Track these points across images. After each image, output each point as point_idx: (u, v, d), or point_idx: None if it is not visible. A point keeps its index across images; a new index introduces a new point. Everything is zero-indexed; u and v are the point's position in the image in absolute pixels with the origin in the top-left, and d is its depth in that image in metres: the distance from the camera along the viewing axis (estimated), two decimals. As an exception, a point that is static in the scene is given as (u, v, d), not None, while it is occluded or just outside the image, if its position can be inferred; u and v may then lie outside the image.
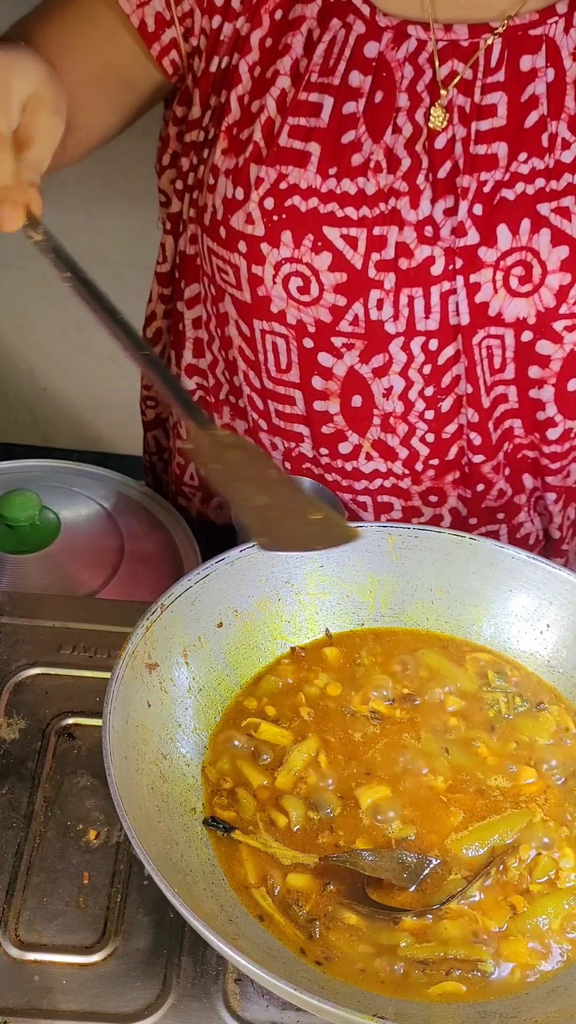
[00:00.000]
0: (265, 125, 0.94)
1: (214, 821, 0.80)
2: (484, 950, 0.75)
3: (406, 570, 0.95)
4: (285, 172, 0.94)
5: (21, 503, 1.09)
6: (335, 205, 0.93)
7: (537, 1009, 0.73)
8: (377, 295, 0.95)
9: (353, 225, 0.94)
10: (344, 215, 0.93)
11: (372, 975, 0.73)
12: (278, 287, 0.96)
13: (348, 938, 0.75)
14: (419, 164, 0.93)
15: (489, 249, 0.94)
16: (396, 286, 0.95)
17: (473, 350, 0.98)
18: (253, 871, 0.78)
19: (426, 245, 0.94)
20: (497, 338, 0.98)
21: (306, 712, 0.88)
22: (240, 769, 0.83)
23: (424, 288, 0.95)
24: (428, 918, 0.76)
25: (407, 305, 0.96)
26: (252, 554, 0.90)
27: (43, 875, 0.81)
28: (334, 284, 0.95)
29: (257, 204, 0.94)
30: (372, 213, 0.93)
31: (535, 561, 0.93)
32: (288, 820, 0.81)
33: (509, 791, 0.84)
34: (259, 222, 0.95)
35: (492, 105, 0.93)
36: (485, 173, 0.93)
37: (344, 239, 0.94)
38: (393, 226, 0.94)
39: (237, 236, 0.96)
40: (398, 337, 0.98)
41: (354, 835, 0.81)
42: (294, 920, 0.75)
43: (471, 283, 0.95)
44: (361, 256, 0.94)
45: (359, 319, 0.97)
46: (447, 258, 0.94)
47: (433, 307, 0.96)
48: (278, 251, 0.95)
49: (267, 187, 0.94)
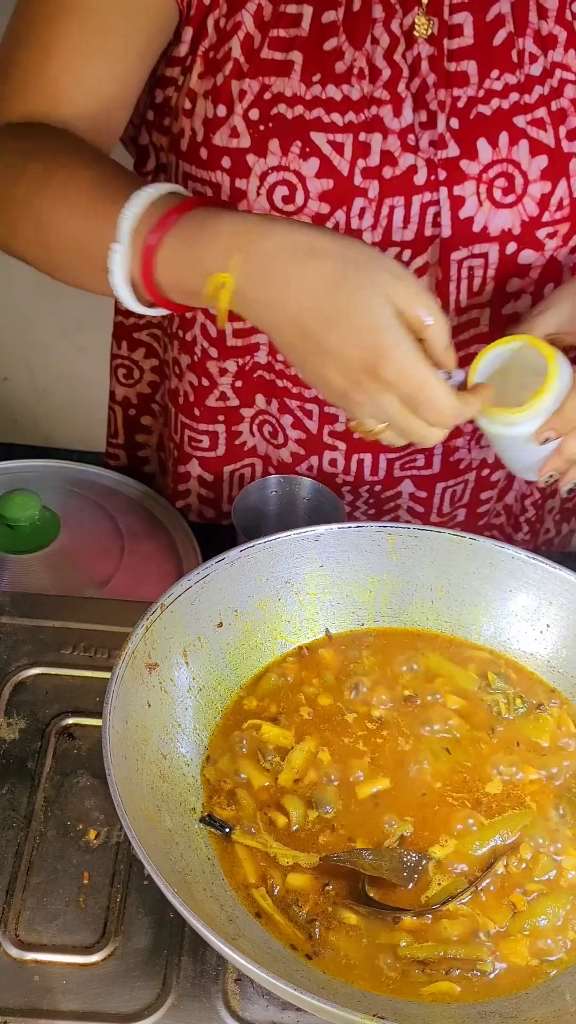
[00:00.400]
0: (244, 41, 0.95)
1: (211, 820, 0.80)
2: (484, 950, 0.75)
3: (406, 570, 0.95)
4: (268, 83, 0.95)
5: (21, 503, 1.09)
6: (321, 111, 0.95)
7: (537, 1009, 0.73)
8: (360, 203, 0.97)
9: (339, 131, 0.95)
10: (330, 121, 0.95)
11: (372, 975, 0.73)
12: (262, 199, 0.97)
13: (348, 938, 0.75)
14: (400, 73, 0.95)
15: (471, 162, 0.96)
16: (379, 195, 0.97)
17: (451, 266, 1.00)
18: (252, 871, 0.78)
19: (409, 153, 0.96)
20: (480, 256, 1.00)
21: (306, 712, 0.88)
22: (240, 770, 0.83)
23: (406, 197, 0.97)
24: (428, 918, 0.76)
25: (387, 215, 0.98)
26: (252, 554, 0.90)
27: (43, 875, 0.81)
28: (320, 191, 0.96)
29: (242, 117, 0.95)
30: (357, 119, 0.95)
31: (535, 561, 0.93)
32: (288, 820, 0.81)
33: (509, 791, 0.84)
34: (244, 134, 0.95)
35: (459, 25, 0.96)
36: (458, 89, 0.96)
37: (331, 144, 0.95)
38: (377, 133, 0.95)
39: (220, 152, 0.97)
40: (374, 247, 0.98)
41: (354, 835, 0.81)
42: (294, 920, 0.75)
43: (455, 196, 0.97)
44: (347, 162, 0.95)
45: (339, 227, 0.98)
46: (429, 168, 0.97)
47: (412, 217, 0.98)
48: (264, 160, 0.96)
49: (251, 99, 0.95)
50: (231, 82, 0.95)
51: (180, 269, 0.81)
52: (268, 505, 1.09)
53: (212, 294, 0.80)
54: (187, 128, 0.98)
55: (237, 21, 0.94)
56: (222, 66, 0.95)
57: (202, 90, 0.96)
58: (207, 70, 0.96)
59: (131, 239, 0.82)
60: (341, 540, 0.94)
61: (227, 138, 0.96)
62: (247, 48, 0.95)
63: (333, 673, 0.91)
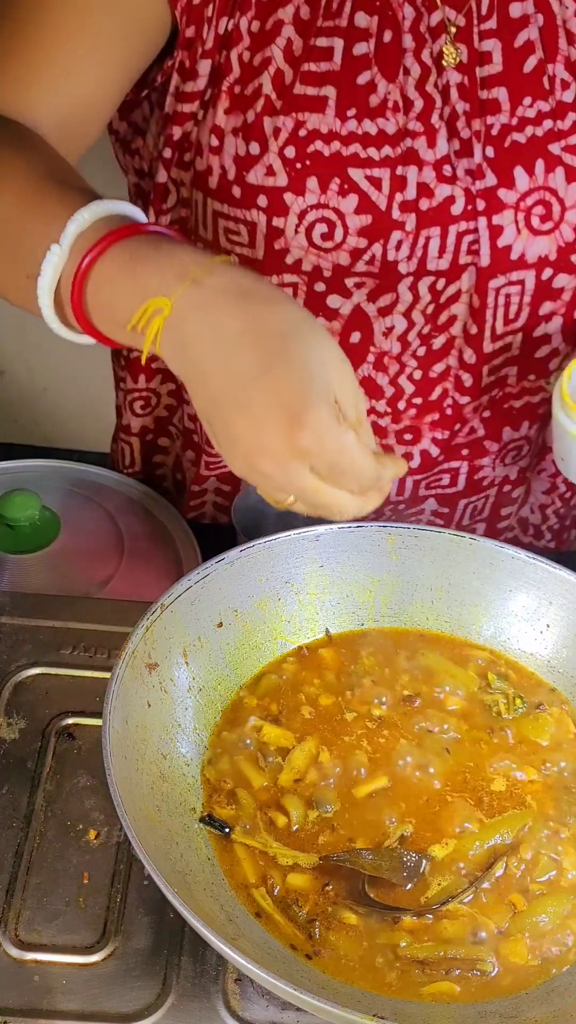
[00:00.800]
0: (275, 77, 0.93)
1: (211, 820, 0.80)
2: (484, 950, 0.75)
3: (406, 570, 0.95)
4: (303, 119, 0.93)
5: (21, 503, 1.09)
6: (358, 146, 0.94)
7: (537, 1009, 0.73)
8: (398, 236, 0.96)
9: (376, 166, 0.94)
10: (367, 156, 0.94)
11: (372, 975, 0.73)
12: (300, 236, 0.96)
13: (347, 938, 0.75)
14: (432, 104, 0.95)
15: (509, 191, 0.96)
16: (416, 227, 0.96)
17: (488, 293, 1.00)
18: (252, 871, 0.78)
19: (445, 184, 0.96)
20: (517, 284, 1.00)
21: (307, 711, 0.88)
22: (241, 770, 0.83)
23: (442, 227, 0.97)
24: (428, 918, 0.76)
25: (423, 245, 0.97)
26: (252, 554, 0.90)
27: (43, 875, 0.81)
28: (359, 227, 0.96)
29: (277, 154, 0.94)
30: (394, 152, 0.94)
31: (535, 561, 0.93)
32: (288, 820, 0.80)
33: (509, 791, 0.84)
34: (281, 172, 0.94)
35: (488, 52, 0.95)
36: (491, 117, 0.96)
37: (369, 180, 0.94)
38: (413, 166, 0.95)
39: (256, 191, 0.95)
40: (408, 276, 0.99)
41: (354, 835, 0.81)
42: (293, 920, 0.75)
43: (494, 225, 0.97)
44: (385, 197, 0.95)
45: (375, 259, 0.97)
46: (466, 198, 0.96)
47: (448, 246, 0.97)
48: (303, 199, 0.94)
49: (286, 136, 0.94)
50: (263, 119, 0.93)
51: (117, 287, 0.73)
52: (268, 505, 1.09)
53: (141, 321, 0.71)
54: (215, 165, 0.96)
55: (266, 56, 0.93)
56: (252, 103, 0.94)
57: (230, 127, 0.95)
58: (234, 106, 0.94)
59: (72, 243, 0.74)
60: (341, 540, 0.93)
61: (262, 176, 0.94)
62: (278, 84, 0.93)
63: (333, 673, 0.91)
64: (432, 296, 1.00)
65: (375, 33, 0.93)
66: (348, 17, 0.93)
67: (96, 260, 0.73)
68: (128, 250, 0.73)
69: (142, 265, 0.72)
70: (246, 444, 0.70)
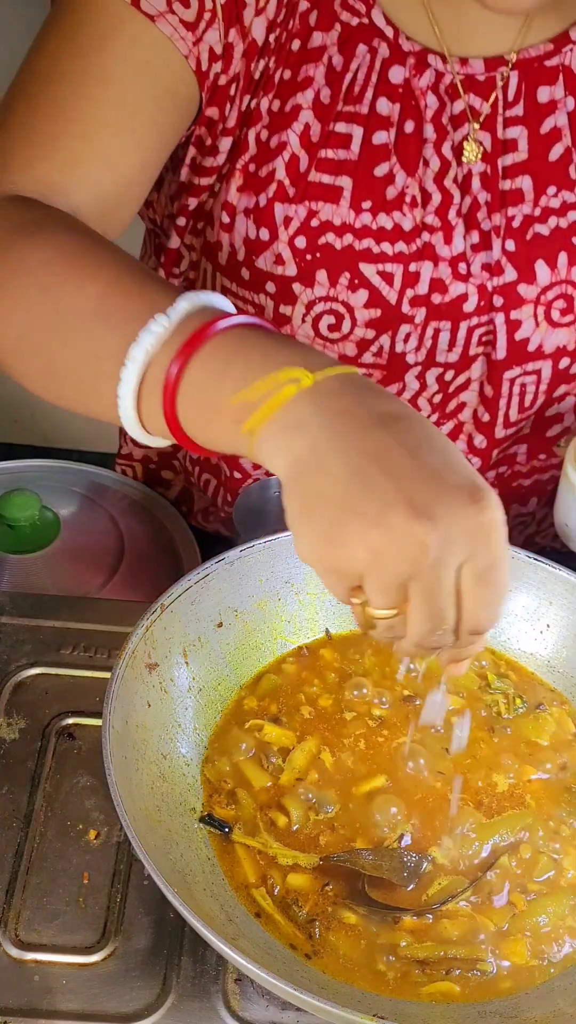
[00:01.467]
0: (289, 163, 0.90)
1: (210, 819, 0.80)
2: (484, 949, 0.75)
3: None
4: (316, 209, 0.90)
5: (21, 503, 1.09)
6: (371, 241, 0.91)
7: (537, 1009, 0.73)
8: (406, 329, 0.94)
9: (389, 261, 0.91)
10: (380, 251, 0.91)
11: (372, 975, 0.73)
12: (307, 326, 0.94)
13: (347, 938, 0.75)
14: (450, 199, 0.91)
15: (529, 285, 0.93)
16: (425, 319, 0.94)
17: (503, 384, 0.98)
18: (252, 871, 0.78)
19: (460, 282, 0.93)
20: (534, 374, 0.97)
21: (307, 711, 0.88)
22: (241, 771, 0.83)
23: (453, 323, 0.94)
24: (428, 918, 0.76)
25: (432, 337, 0.95)
26: (252, 554, 0.90)
27: (43, 875, 0.81)
28: (367, 320, 0.93)
29: (287, 244, 0.91)
30: (408, 249, 0.91)
31: (535, 561, 0.93)
32: (288, 820, 0.81)
33: (510, 791, 0.84)
34: (290, 262, 0.92)
35: (514, 140, 0.92)
36: (513, 208, 0.92)
37: (380, 275, 0.92)
38: (428, 261, 0.92)
39: (264, 277, 0.93)
40: (416, 367, 0.97)
41: (354, 835, 0.81)
42: (293, 920, 0.75)
43: (511, 319, 0.94)
44: (396, 292, 0.92)
45: (383, 351, 0.95)
46: (480, 295, 0.93)
47: (458, 341, 0.95)
48: (311, 291, 0.92)
49: (297, 225, 0.91)
50: (275, 205, 0.91)
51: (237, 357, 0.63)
52: (269, 506, 1.09)
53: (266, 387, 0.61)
54: (225, 243, 0.94)
55: (283, 140, 0.90)
56: (265, 186, 0.91)
57: (242, 207, 0.92)
58: (247, 185, 0.92)
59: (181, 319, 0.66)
60: (341, 540, 0.93)
61: (271, 264, 0.92)
62: (293, 171, 0.90)
63: (334, 673, 0.91)
64: (440, 386, 0.98)
65: (396, 122, 0.90)
66: (370, 104, 0.89)
67: (211, 334, 0.64)
68: (247, 332, 0.64)
69: (268, 342, 0.63)
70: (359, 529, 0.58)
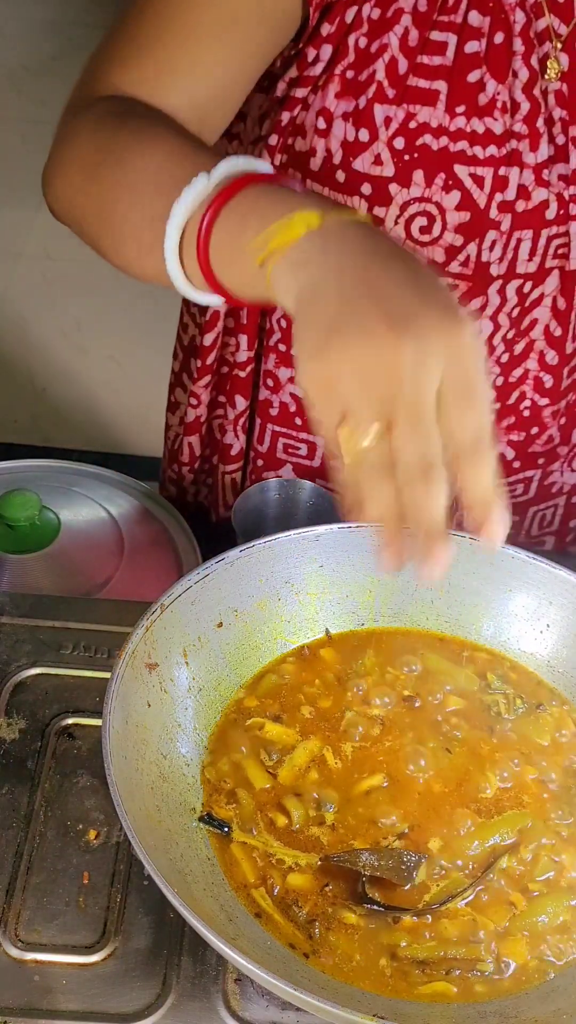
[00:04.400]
0: (389, 65, 0.93)
1: (210, 819, 0.80)
2: (483, 949, 0.75)
3: (406, 570, 0.95)
4: (414, 111, 0.94)
5: (21, 503, 1.09)
6: (465, 143, 0.94)
7: (537, 1009, 0.73)
8: (492, 236, 0.97)
9: (481, 164, 0.95)
10: (473, 154, 0.95)
11: (372, 975, 0.73)
12: (399, 228, 0.97)
13: (347, 938, 0.75)
14: (538, 108, 0.95)
15: None
16: (511, 227, 0.97)
17: (574, 296, 1.00)
18: (251, 871, 0.78)
19: (543, 188, 0.96)
20: None
21: (307, 711, 0.88)
22: (242, 770, 0.83)
23: (535, 231, 0.97)
24: (428, 918, 0.76)
25: (514, 247, 0.98)
26: (252, 554, 0.90)
27: (43, 875, 0.81)
28: (457, 224, 0.96)
29: (386, 144, 0.94)
30: (499, 153, 0.95)
31: (535, 561, 0.93)
32: (289, 820, 0.81)
33: (509, 791, 0.84)
34: (388, 162, 0.94)
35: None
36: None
37: (472, 178, 0.95)
38: (515, 167, 0.95)
39: (360, 179, 0.95)
40: (498, 280, 0.99)
41: (354, 834, 0.81)
42: (293, 920, 0.75)
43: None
44: (486, 196, 0.95)
45: (470, 260, 0.98)
46: (559, 203, 0.97)
47: (538, 250, 0.98)
48: (407, 191, 0.95)
49: (396, 126, 0.94)
50: (374, 106, 0.94)
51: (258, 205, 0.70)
52: (269, 508, 1.09)
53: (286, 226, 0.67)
54: (320, 148, 0.96)
55: (383, 44, 0.93)
56: (365, 88, 0.94)
57: (340, 111, 0.95)
58: (345, 90, 0.95)
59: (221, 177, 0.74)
60: (341, 540, 0.93)
61: (369, 164, 0.95)
62: (392, 73, 0.93)
63: (334, 673, 0.91)
64: (519, 299, 1.00)
65: (487, 33, 0.93)
66: (463, 14, 0.93)
67: (243, 187, 0.72)
68: (273, 187, 0.72)
69: (290, 195, 0.70)
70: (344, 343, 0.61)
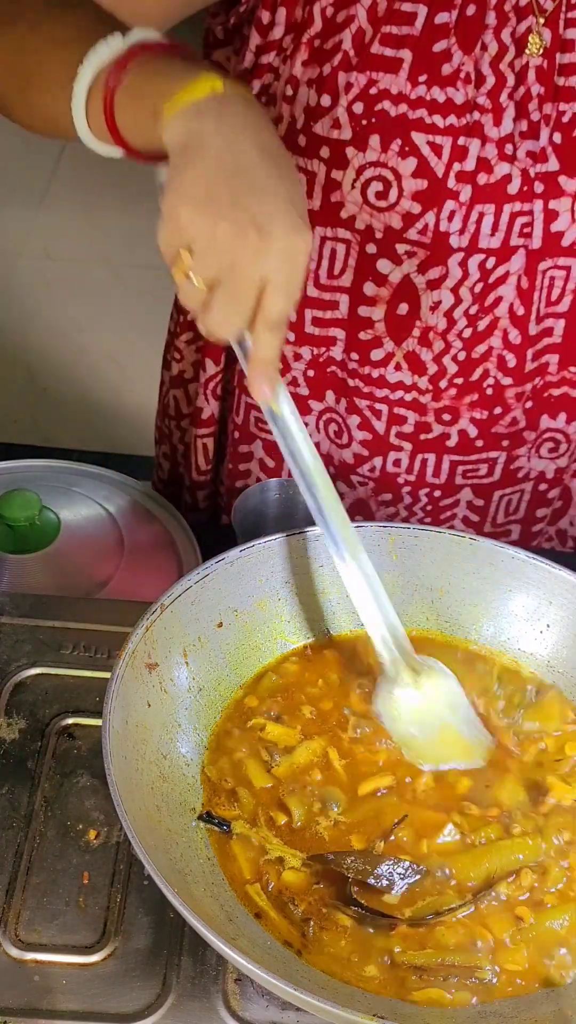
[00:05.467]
0: (356, 35, 0.95)
1: (209, 817, 0.80)
2: (481, 957, 0.74)
3: (406, 570, 0.95)
4: (376, 78, 0.95)
5: (21, 503, 1.09)
6: (424, 112, 0.95)
7: (537, 1009, 0.73)
8: (451, 206, 0.98)
9: (439, 133, 0.96)
10: (432, 122, 0.95)
11: (364, 976, 0.73)
12: (356, 192, 0.98)
13: (341, 939, 0.75)
14: (503, 82, 0.95)
15: (570, 179, 0.97)
16: (471, 200, 0.97)
17: (537, 275, 1.02)
18: (248, 867, 0.78)
19: (505, 163, 0.97)
20: (563, 269, 1.02)
21: (308, 711, 0.88)
22: (243, 769, 0.83)
23: (497, 205, 0.98)
24: (421, 929, 0.76)
25: (476, 220, 0.98)
26: (252, 554, 0.91)
27: (43, 875, 0.81)
28: (413, 191, 0.97)
29: (345, 109, 0.96)
30: (459, 123, 0.95)
31: (535, 561, 0.93)
32: (289, 818, 0.80)
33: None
34: (346, 126, 0.96)
35: (572, 40, 0.95)
36: (564, 104, 0.96)
37: (430, 145, 0.96)
38: (476, 139, 0.96)
39: (320, 142, 0.97)
40: (459, 252, 1.00)
41: (355, 832, 0.80)
42: (288, 918, 0.75)
43: (549, 209, 0.98)
44: (444, 164, 0.96)
45: (428, 228, 0.99)
46: (523, 179, 0.97)
47: (501, 225, 0.99)
48: (363, 155, 0.96)
49: (356, 92, 0.95)
50: (338, 73, 0.96)
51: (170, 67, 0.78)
52: (268, 508, 1.09)
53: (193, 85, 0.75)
54: (286, 114, 0.99)
55: (351, 14, 0.95)
56: (331, 57, 0.96)
57: (306, 78, 0.97)
58: (312, 59, 0.97)
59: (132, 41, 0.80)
60: (341, 540, 0.93)
61: (328, 128, 0.97)
62: (358, 42, 0.95)
63: (335, 673, 0.91)
64: (481, 274, 1.01)
65: (459, 5, 0.94)
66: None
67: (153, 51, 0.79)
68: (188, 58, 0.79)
69: (198, 62, 0.78)
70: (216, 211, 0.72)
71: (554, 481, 1.17)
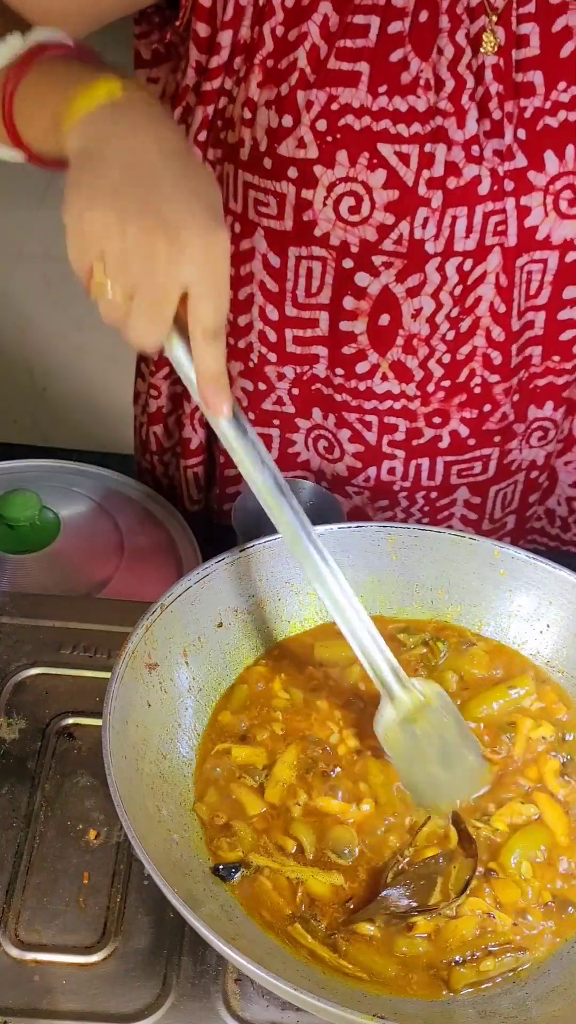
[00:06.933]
0: (311, 52, 0.95)
1: (223, 869, 0.77)
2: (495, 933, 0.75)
3: (406, 570, 0.95)
4: (336, 93, 0.95)
5: (21, 503, 1.09)
6: (388, 122, 0.95)
7: (537, 1009, 0.73)
8: (424, 213, 0.98)
9: (405, 142, 0.96)
10: (397, 132, 0.95)
11: (391, 980, 0.73)
12: (328, 209, 0.98)
13: (367, 948, 0.74)
14: (463, 84, 0.96)
15: (539, 174, 0.97)
16: (443, 205, 0.97)
17: (515, 272, 1.02)
18: (287, 903, 0.76)
19: (473, 164, 0.97)
20: (540, 262, 1.02)
21: (279, 728, 0.86)
22: (230, 797, 0.81)
23: (469, 207, 0.98)
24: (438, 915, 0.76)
25: (449, 224, 0.98)
26: (252, 554, 0.91)
27: (43, 875, 0.81)
28: (385, 202, 0.97)
29: (309, 127, 0.95)
30: (423, 130, 0.96)
31: (535, 561, 0.93)
32: (299, 844, 0.79)
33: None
34: (312, 145, 0.96)
35: (526, 35, 0.96)
36: (524, 100, 0.96)
37: (397, 155, 0.96)
38: (441, 144, 0.96)
39: (286, 163, 0.97)
40: (436, 257, 1.00)
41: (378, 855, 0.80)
42: (313, 934, 0.74)
43: (522, 206, 0.98)
44: (413, 172, 0.96)
45: (403, 238, 0.99)
46: (493, 179, 0.97)
47: (475, 227, 0.99)
48: (332, 171, 0.96)
49: (318, 110, 0.95)
50: (297, 92, 0.95)
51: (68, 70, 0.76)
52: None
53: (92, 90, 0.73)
54: (247, 137, 0.98)
55: (303, 32, 0.94)
56: (287, 76, 0.95)
57: (263, 99, 0.96)
58: (267, 79, 0.96)
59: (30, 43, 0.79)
60: (341, 540, 0.94)
61: (293, 148, 0.96)
62: (314, 59, 0.95)
63: (331, 674, 0.91)
64: (460, 277, 1.01)
65: (411, 12, 0.94)
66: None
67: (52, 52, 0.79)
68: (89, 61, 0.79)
69: (97, 65, 0.78)
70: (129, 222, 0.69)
71: (544, 467, 1.18)
